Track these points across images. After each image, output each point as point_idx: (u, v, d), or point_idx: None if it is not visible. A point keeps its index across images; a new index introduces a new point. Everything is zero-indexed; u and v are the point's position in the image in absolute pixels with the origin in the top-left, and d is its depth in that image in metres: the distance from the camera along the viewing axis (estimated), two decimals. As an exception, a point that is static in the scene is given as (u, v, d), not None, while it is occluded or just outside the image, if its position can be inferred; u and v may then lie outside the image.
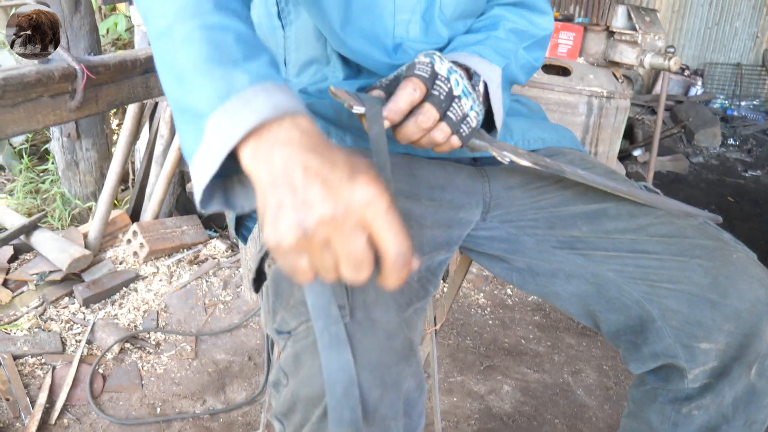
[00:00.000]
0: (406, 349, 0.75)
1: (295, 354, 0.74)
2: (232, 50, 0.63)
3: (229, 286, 2.41)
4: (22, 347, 1.95)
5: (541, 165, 0.96)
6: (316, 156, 0.56)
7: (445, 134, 0.87)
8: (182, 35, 0.64)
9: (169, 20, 0.66)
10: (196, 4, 0.66)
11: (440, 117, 0.85)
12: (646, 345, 0.98)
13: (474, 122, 0.89)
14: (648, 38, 2.37)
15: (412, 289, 0.84)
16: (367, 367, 0.70)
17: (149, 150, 2.76)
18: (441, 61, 0.87)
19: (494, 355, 2.19)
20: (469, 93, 0.89)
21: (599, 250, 1.02)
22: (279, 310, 0.79)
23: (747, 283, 0.91)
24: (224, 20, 0.65)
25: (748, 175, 4.51)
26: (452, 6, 1.08)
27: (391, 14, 1.06)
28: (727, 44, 5.77)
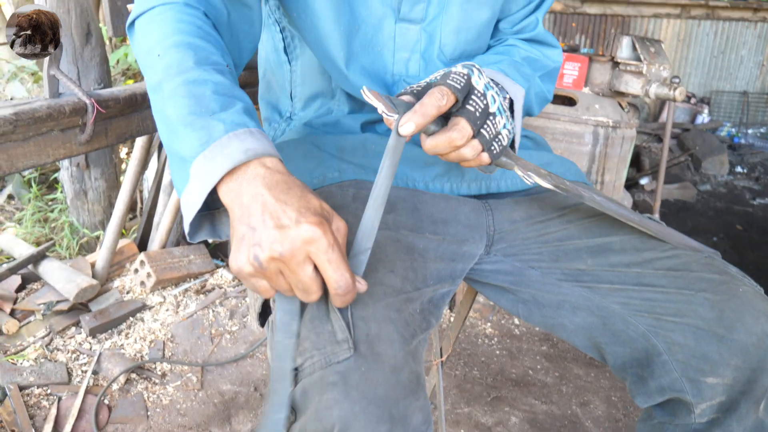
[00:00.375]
0: (413, 383, 0.75)
1: (303, 390, 0.74)
2: (210, 102, 0.73)
3: (236, 315, 2.41)
4: (28, 378, 1.95)
5: (561, 188, 0.95)
6: (274, 195, 0.67)
7: (475, 151, 0.85)
8: (169, 90, 0.75)
9: (158, 77, 0.77)
10: (180, 61, 0.76)
11: (474, 134, 0.83)
12: (653, 378, 0.97)
13: (505, 140, 0.88)
14: (653, 69, 2.38)
15: (415, 321, 0.84)
16: (375, 401, 0.70)
17: (157, 179, 2.78)
18: (480, 75, 0.85)
19: (502, 386, 2.17)
20: (504, 110, 0.87)
21: (604, 283, 1.02)
22: None
23: (754, 317, 0.90)
24: (204, 75, 0.76)
25: (757, 203, 4.49)
26: (452, 46, 1.10)
27: (391, 52, 1.08)
28: (733, 72, 5.78)
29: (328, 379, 0.71)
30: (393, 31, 1.07)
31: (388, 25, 1.06)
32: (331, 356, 0.73)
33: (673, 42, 5.87)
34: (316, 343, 0.75)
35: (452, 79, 0.81)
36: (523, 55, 1.14)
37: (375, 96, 0.78)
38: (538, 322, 1.13)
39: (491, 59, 1.09)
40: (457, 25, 1.08)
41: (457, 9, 1.06)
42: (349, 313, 0.76)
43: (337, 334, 0.74)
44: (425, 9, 1.06)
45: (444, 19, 1.07)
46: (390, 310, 0.80)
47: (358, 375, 0.71)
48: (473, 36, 1.11)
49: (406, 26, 1.07)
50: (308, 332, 0.76)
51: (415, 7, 1.05)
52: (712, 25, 5.72)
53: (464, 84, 0.82)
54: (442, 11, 1.07)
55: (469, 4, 1.06)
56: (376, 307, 0.79)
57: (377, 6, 1.04)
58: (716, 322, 0.91)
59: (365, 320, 0.77)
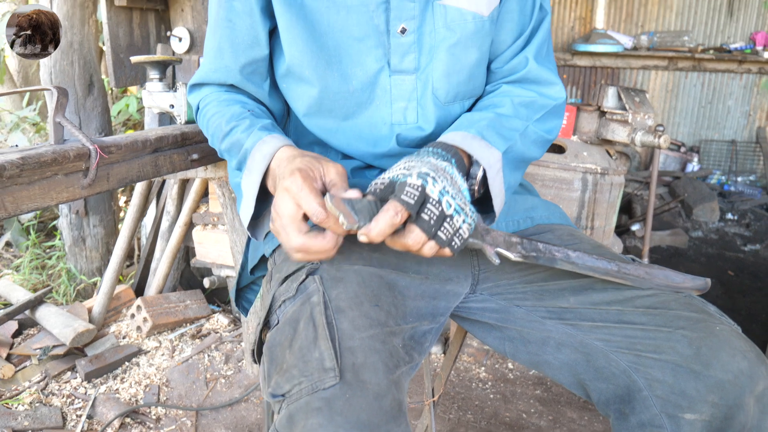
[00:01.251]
0: (395, 410, 0.78)
1: (289, 415, 0.77)
2: (242, 140, 1.05)
3: (231, 360, 2.42)
4: (23, 422, 1.95)
5: (531, 258, 1.00)
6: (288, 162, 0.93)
7: (433, 250, 0.90)
8: (226, 150, 1.11)
9: (218, 146, 1.15)
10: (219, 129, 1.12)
11: (429, 238, 0.88)
12: (634, 414, 0.99)
13: (467, 233, 0.91)
14: (638, 117, 2.46)
15: (398, 353, 0.88)
16: (357, 426, 0.73)
17: (155, 226, 2.83)
18: (434, 182, 0.88)
19: (495, 430, 2.18)
20: (461, 209, 0.90)
21: (587, 321, 1.05)
22: (273, 375, 0.83)
23: (730, 354, 0.93)
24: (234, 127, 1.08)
25: (748, 249, 4.54)
26: (444, 90, 1.14)
27: (388, 103, 1.13)
28: (721, 122, 5.91)
29: (313, 405, 0.75)
30: (389, 84, 1.12)
31: (383, 78, 1.11)
32: (317, 383, 0.77)
33: (661, 93, 6.01)
34: (303, 371, 0.78)
35: (406, 193, 0.86)
36: (517, 101, 1.15)
37: (337, 205, 0.84)
38: (524, 360, 1.16)
39: (475, 117, 1.11)
40: (446, 69, 1.12)
41: (445, 54, 1.11)
42: (337, 343, 0.80)
43: (325, 362, 0.78)
44: (417, 59, 1.11)
45: (434, 65, 1.12)
46: (375, 341, 0.84)
47: (342, 401, 0.75)
48: (464, 78, 1.15)
49: (401, 78, 1.12)
50: (296, 360, 0.80)
51: (405, 58, 1.11)
52: (699, 76, 5.87)
53: (418, 197, 0.86)
54: (432, 59, 1.12)
55: (456, 48, 1.11)
56: (362, 337, 0.83)
57: (371, 63, 1.10)
58: (693, 359, 0.94)
59: (352, 350, 0.81)
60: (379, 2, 1.07)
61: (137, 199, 2.73)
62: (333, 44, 1.09)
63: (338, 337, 0.82)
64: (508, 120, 1.11)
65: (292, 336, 0.85)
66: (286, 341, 0.85)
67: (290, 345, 0.84)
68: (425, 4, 1.09)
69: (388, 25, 1.08)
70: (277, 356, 0.85)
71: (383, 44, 1.09)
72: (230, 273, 2.59)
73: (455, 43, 1.11)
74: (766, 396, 0.93)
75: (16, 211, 1.17)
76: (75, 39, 2.88)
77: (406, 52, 1.11)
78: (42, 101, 4.51)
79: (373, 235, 0.85)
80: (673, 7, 5.83)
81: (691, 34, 5.76)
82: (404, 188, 0.87)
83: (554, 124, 1.20)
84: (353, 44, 1.09)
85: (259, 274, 1.30)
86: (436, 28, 1.10)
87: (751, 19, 5.65)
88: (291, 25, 1.08)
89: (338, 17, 1.07)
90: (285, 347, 0.85)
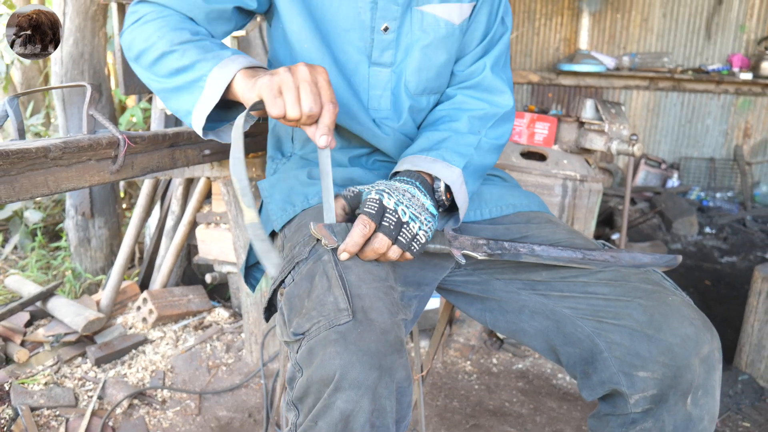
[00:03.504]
0: (398, 344, 0.94)
1: (309, 349, 0.92)
2: (213, 47, 1.10)
3: (232, 349, 2.57)
4: (39, 400, 2.09)
5: (496, 255, 1.17)
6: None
7: (397, 254, 1.06)
8: (177, 50, 1.10)
9: (163, 47, 1.11)
10: (178, 35, 1.11)
11: (392, 242, 1.05)
12: (596, 374, 1.14)
13: (423, 239, 1.08)
14: (614, 127, 2.65)
15: (397, 304, 1.04)
16: (368, 353, 0.89)
17: (160, 225, 2.98)
18: (389, 196, 1.06)
19: (479, 416, 2.33)
20: (415, 217, 1.07)
21: (556, 291, 1.22)
22: (294, 319, 0.98)
23: (679, 321, 1.08)
24: (203, 39, 1.12)
25: (725, 261, 4.72)
26: (415, 83, 1.33)
27: (366, 91, 1.32)
28: (700, 140, 6.13)
29: (330, 338, 0.91)
30: (367, 73, 1.31)
31: (363, 68, 1.31)
32: (333, 320, 0.92)
33: (643, 112, 6.23)
34: (321, 312, 0.94)
35: (368, 206, 1.04)
36: (471, 114, 1.35)
37: (318, 230, 1.04)
38: (503, 329, 1.32)
39: (434, 136, 1.30)
40: (418, 65, 1.32)
41: (419, 52, 1.30)
42: (348, 290, 0.97)
43: (340, 304, 0.94)
44: (394, 54, 1.31)
45: (408, 61, 1.31)
46: (379, 291, 1.00)
47: (355, 334, 0.91)
48: (433, 75, 1.35)
49: (378, 69, 1.31)
50: (314, 305, 0.96)
51: (384, 53, 1.30)
52: (678, 96, 6.10)
53: (378, 208, 1.04)
54: (406, 56, 1.31)
55: (428, 49, 1.31)
56: (368, 287, 1.00)
57: (353, 53, 1.29)
58: (647, 325, 1.09)
59: (360, 297, 0.97)
60: (368, 1, 1.25)
61: (143, 199, 2.88)
62: (325, 30, 1.27)
63: (348, 286, 0.98)
64: (464, 137, 1.30)
65: (308, 288, 1.00)
66: (304, 293, 1.00)
67: (308, 295, 0.99)
68: (406, 8, 1.28)
69: (373, 22, 1.27)
70: (296, 305, 1.00)
71: (366, 38, 1.28)
72: (231, 269, 2.74)
73: (428, 44, 1.30)
74: (710, 358, 1.07)
75: (56, 190, 1.32)
76: (86, 50, 3.05)
77: (385, 47, 1.30)
78: (46, 111, 4.66)
79: (350, 247, 1.02)
80: (653, 30, 6.08)
81: (671, 55, 6.00)
82: (366, 203, 1.05)
83: (504, 130, 1.40)
84: (341, 34, 1.27)
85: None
86: (413, 30, 1.29)
87: (728, 41, 5.90)
88: (291, 3, 1.25)
89: (331, 7, 1.25)
90: (303, 297, 0.99)
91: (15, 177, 1.20)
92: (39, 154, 1.23)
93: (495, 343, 2.88)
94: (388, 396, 0.90)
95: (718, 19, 5.86)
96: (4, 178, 1.17)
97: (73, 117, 3.06)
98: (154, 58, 1.13)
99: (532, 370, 2.70)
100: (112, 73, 3.59)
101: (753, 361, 2.56)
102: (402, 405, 0.95)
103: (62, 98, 3.04)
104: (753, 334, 2.57)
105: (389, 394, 0.91)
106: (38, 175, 1.26)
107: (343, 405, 0.87)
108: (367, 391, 0.87)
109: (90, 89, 1.45)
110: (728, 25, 5.86)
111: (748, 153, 5.99)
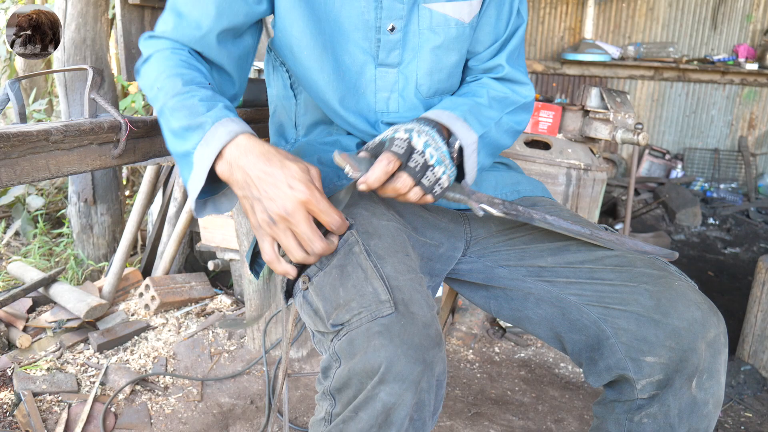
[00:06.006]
0: (438, 338, 0.93)
1: (350, 340, 0.91)
2: (199, 108, 1.00)
3: (234, 336, 2.57)
4: (41, 386, 2.09)
5: (512, 215, 1.15)
6: (260, 169, 0.92)
7: (418, 195, 1.05)
8: (169, 108, 1.02)
9: (161, 102, 1.05)
10: (172, 86, 1.04)
11: (415, 183, 1.04)
12: (602, 360, 1.14)
13: (446, 183, 1.07)
14: (619, 116, 2.63)
15: (430, 295, 1.03)
16: (413, 347, 0.88)
17: (162, 212, 2.97)
18: (419, 135, 1.03)
19: (481, 404, 2.33)
20: (441, 161, 1.05)
21: (562, 278, 1.21)
22: (332, 311, 0.96)
23: (685, 305, 1.07)
24: (191, 91, 1.03)
25: (728, 252, 4.71)
26: (427, 86, 1.29)
27: (373, 93, 1.28)
28: (704, 131, 6.10)
29: (373, 330, 0.90)
30: (374, 75, 1.26)
31: (369, 70, 1.26)
32: (375, 312, 0.91)
33: (647, 102, 6.21)
34: (361, 303, 0.93)
35: (396, 145, 1.03)
36: (492, 95, 1.31)
37: (343, 158, 1.01)
38: (507, 317, 1.32)
39: (459, 101, 1.26)
40: (429, 68, 1.27)
41: (428, 54, 1.26)
42: (386, 281, 0.96)
43: (380, 296, 0.93)
44: (401, 55, 1.26)
45: (418, 63, 1.27)
46: (415, 283, 1.00)
47: (399, 327, 0.90)
48: (445, 76, 1.31)
49: (385, 70, 1.27)
50: (353, 295, 0.95)
51: (391, 54, 1.25)
52: (683, 86, 6.07)
53: (406, 148, 1.02)
54: (415, 56, 1.27)
55: (439, 50, 1.26)
56: (404, 279, 0.99)
57: (359, 54, 1.24)
58: (654, 310, 1.08)
59: (399, 288, 0.96)
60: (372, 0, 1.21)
61: (146, 186, 2.87)
62: (329, 31, 1.22)
63: (385, 278, 0.96)
64: (486, 109, 1.27)
65: (340, 278, 0.98)
66: (337, 282, 0.98)
67: (342, 284, 0.97)
68: (412, 6, 1.23)
69: (378, 22, 1.22)
70: (329, 295, 0.98)
71: (371, 38, 1.23)
72: (234, 256, 2.74)
73: (439, 45, 1.26)
74: (716, 342, 1.07)
75: (58, 174, 1.31)
76: (88, 35, 3.03)
77: (392, 48, 1.25)
78: (48, 99, 4.64)
79: (371, 181, 1.00)
80: (659, 20, 6.04)
81: (676, 45, 5.97)
82: (394, 141, 1.03)
83: (523, 118, 1.37)
84: (344, 34, 1.22)
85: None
86: (421, 30, 1.25)
87: (734, 31, 5.86)
88: (293, 6, 1.19)
89: (334, 7, 1.20)
90: (336, 287, 0.98)
91: (16, 160, 1.19)
92: (40, 137, 1.22)
93: (497, 332, 2.88)
94: (428, 390, 0.90)
95: (724, 8, 5.82)
96: (5, 161, 1.16)
97: (75, 103, 3.04)
98: (158, 111, 1.08)
99: (534, 359, 2.70)
100: (114, 59, 3.58)
101: (756, 352, 2.56)
102: (437, 398, 0.95)
103: (64, 84, 3.03)
104: (756, 324, 2.56)
105: (429, 388, 0.90)
106: (39, 158, 1.25)
107: (387, 397, 0.87)
108: (411, 385, 0.87)
109: (92, 73, 1.44)
110: (734, 15, 5.83)
111: (753, 144, 5.97)
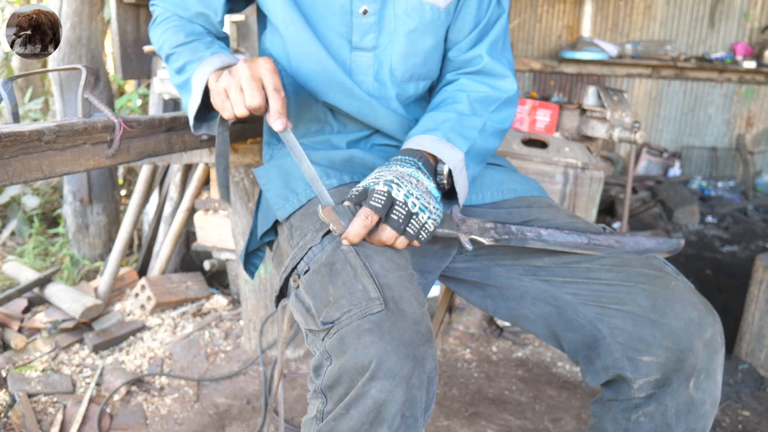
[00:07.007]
0: (428, 334, 0.93)
1: (341, 338, 0.91)
2: (199, 48, 1.23)
3: (230, 336, 2.56)
4: (36, 386, 2.08)
5: (503, 240, 1.15)
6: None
7: (404, 243, 1.06)
8: (177, 52, 1.26)
9: (167, 50, 1.29)
10: (176, 37, 1.27)
11: (400, 234, 1.05)
12: (599, 359, 1.14)
13: (432, 227, 1.08)
14: (616, 115, 2.63)
15: (420, 292, 1.02)
16: (403, 344, 0.88)
17: (158, 212, 2.96)
18: (399, 187, 1.05)
19: (479, 404, 2.32)
20: (425, 207, 1.07)
21: (558, 277, 1.20)
22: (321, 308, 0.96)
23: (682, 305, 1.07)
24: (194, 37, 1.26)
25: (725, 250, 4.70)
26: (401, 70, 1.30)
27: (348, 75, 1.29)
28: (702, 129, 6.10)
29: (364, 327, 0.89)
30: (349, 59, 1.29)
31: (344, 53, 1.28)
32: (365, 309, 0.91)
33: (645, 100, 6.20)
34: (351, 301, 0.93)
35: (375, 199, 1.04)
36: (473, 97, 1.31)
37: (326, 214, 1.04)
38: (504, 315, 1.31)
39: (439, 118, 1.27)
40: (404, 52, 1.28)
41: (403, 38, 1.27)
42: (376, 279, 0.96)
43: (370, 293, 0.93)
44: (376, 39, 1.28)
45: (393, 47, 1.28)
46: (404, 281, 1.00)
47: (389, 324, 0.90)
48: (420, 61, 1.31)
49: (359, 54, 1.29)
50: (342, 293, 0.94)
51: (365, 37, 1.27)
52: (681, 84, 6.06)
53: (385, 201, 1.03)
54: (391, 41, 1.28)
55: (414, 34, 1.27)
56: (393, 277, 0.99)
57: (335, 38, 1.27)
58: (651, 310, 1.08)
59: (389, 286, 0.96)
60: None
61: (141, 186, 2.86)
62: (306, 14, 1.25)
63: (375, 276, 0.96)
64: (468, 119, 1.27)
65: (329, 275, 0.99)
66: (326, 279, 0.98)
67: (331, 282, 0.97)
68: None
69: (351, 5, 1.24)
70: (318, 292, 0.98)
71: (346, 23, 1.25)
72: (230, 256, 2.73)
73: (413, 29, 1.27)
74: (713, 341, 1.07)
75: (51, 174, 1.30)
76: (83, 34, 3.02)
77: (366, 31, 1.27)
78: (44, 98, 4.63)
79: (351, 237, 1.02)
80: (657, 18, 6.04)
81: (674, 43, 5.96)
82: (372, 195, 1.04)
83: (508, 114, 1.36)
84: (321, 19, 1.25)
85: (267, 239, 1.44)
86: (396, 14, 1.26)
87: (732, 30, 5.86)
88: None
89: None
90: (326, 284, 0.98)
91: (8, 161, 1.18)
92: (32, 138, 1.21)
93: (495, 331, 2.87)
94: (419, 386, 0.90)
95: (722, 6, 5.82)
96: (-3, 162, 1.15)
97: (70, 102, 3.03)
98: (165, 59, 1.31)
99: (531, 359, 2.70)
100: (110, 58, 3.56)
101: (753, 351, 2.55)
102: (429, 395, 0.95)
103: (60, 84, 3.02)
104: (753, 323, 2.56)
105: (420, 384, 0.90)
106: (32, 158, 1.24)
107: (377, 394, 0.87)
108: (402, 381, 0.87)
109: (85, 72, 1.42)
110: (732, 13, 5.82)
111: (751, 142, 5.96)
